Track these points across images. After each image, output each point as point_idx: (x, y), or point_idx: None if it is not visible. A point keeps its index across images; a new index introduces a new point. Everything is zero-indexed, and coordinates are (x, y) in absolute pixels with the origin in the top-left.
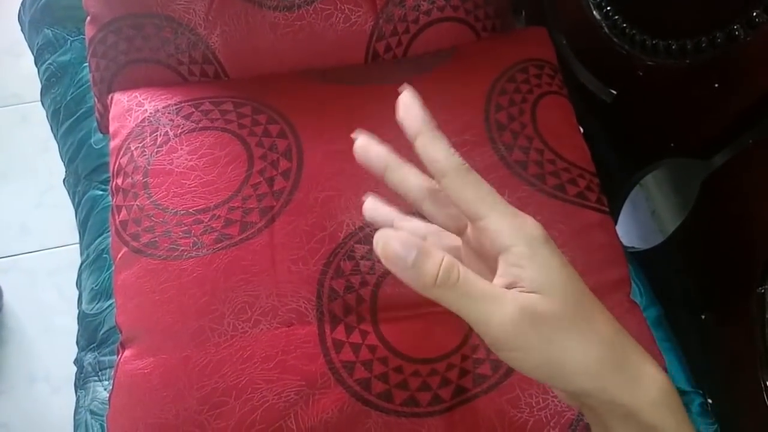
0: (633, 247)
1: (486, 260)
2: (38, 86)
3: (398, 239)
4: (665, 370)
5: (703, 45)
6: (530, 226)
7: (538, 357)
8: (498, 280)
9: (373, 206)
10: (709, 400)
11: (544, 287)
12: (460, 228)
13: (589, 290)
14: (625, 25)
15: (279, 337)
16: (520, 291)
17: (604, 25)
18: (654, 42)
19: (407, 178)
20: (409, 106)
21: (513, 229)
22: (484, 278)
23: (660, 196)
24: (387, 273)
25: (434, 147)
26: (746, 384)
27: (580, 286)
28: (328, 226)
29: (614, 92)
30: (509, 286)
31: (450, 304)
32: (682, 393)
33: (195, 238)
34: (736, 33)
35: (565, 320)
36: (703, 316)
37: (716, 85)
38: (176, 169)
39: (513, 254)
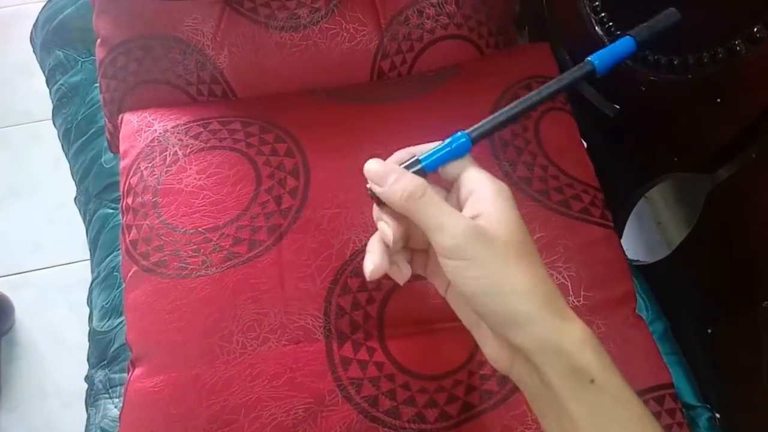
0: (638, 261)
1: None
2: (50, 104)
3: (383, 164)
4: (671, 384)
5: (705, 60)
6: (502, 183)
7: (480, 269)
8: (463, 212)
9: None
10: (717, 415)
11: (499, 222)
12: None
13: (536, 249)
14: None
15: (287, 354)
16: (477, 218)
17: (606, 40)
18: (656, 57)
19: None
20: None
21: (487, 179)
22: None
23: (665, 209)
24: (394, 289)
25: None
26: (754, 398)
27: (528, 236)
28: (335, 243)
29: (617, 107)
30: (471, 217)
31: (414, 215)
32: (689, 407)
33: (204, 257)
34: (738, 48)
35: (509, 247)
36: (709, 330)
37: (719, 100)
38: (185, 189)
39: (482, 195)
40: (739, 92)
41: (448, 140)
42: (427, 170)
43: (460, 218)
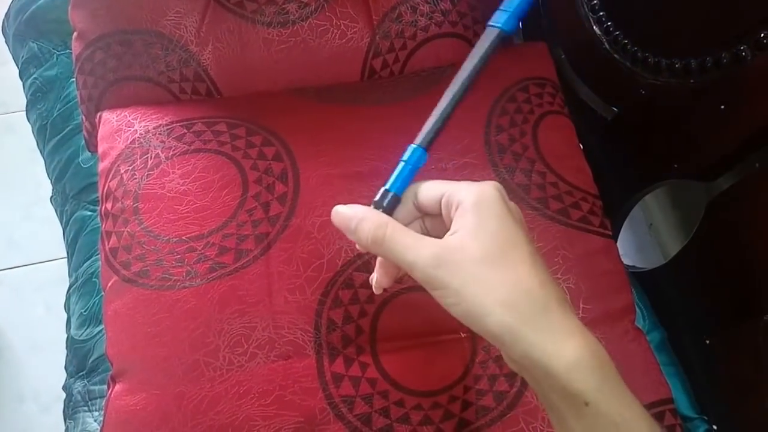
0: (634, 267)
1: None
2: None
3: (346, 209)
4: (671, 399)
5: (708, 65)
6: (486, 185)
7: (454, 295)
8: (448, 232)
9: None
10: (714, 427)
11: (474, 235)
12: None
13: (531, 247)
14: (626, 41)
15: (276, 371)
16: (451, 236)
17: (604, 40)
18: (656, 60)
19: None
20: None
21: (466, 190)
22: None
23: (661, 216)
24: (386, 303)
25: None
26: (752, 410)
27: (513, 237)
28: (326, 253)
29: (615, 110)
30: (452, 234)
31: (386, 257)
32: (686, 419)
33: (188, 267)
34: (743, 54)
35: (480, 263)
36: (708, 341)
37: (722, 107)
38: (168, 194)
39: (462, 207)
40: (744, 99)
41: (403, 159)
42: (399, 195)
43: (423, 248)
